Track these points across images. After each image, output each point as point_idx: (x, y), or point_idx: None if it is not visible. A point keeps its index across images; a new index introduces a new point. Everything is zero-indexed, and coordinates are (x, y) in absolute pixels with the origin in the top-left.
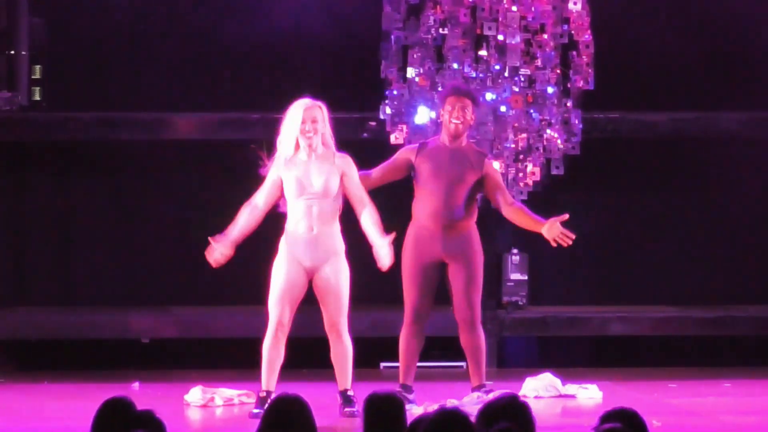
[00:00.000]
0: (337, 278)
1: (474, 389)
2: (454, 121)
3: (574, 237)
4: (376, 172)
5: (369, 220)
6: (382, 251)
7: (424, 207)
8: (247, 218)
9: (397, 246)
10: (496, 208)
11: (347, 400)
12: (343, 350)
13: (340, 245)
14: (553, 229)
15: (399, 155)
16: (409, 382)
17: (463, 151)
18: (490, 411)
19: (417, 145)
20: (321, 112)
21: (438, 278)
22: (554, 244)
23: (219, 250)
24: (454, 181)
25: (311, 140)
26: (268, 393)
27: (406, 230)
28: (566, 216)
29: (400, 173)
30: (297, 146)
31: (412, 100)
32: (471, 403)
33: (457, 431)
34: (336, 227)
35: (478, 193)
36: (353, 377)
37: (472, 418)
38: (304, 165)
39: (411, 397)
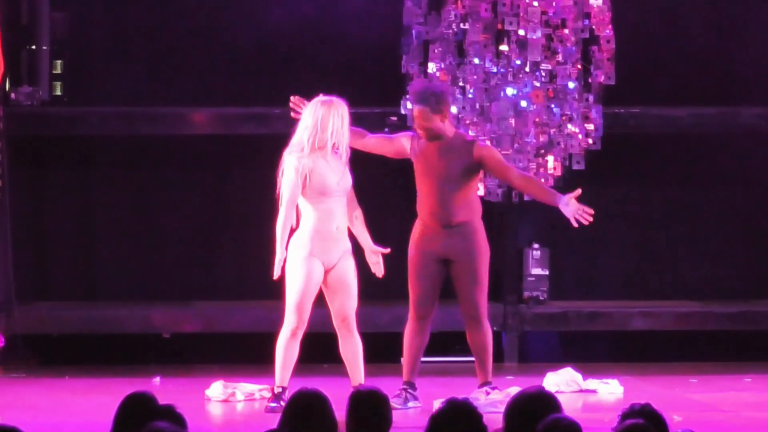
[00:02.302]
0: (351, 273)
1: (481, 386)
2: (419, 131)
3: (593, 212)
4: (372, 138)
5: (361, 224)
6: (375, 258)
7: (422, 205)
8: (290, 222)
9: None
10: (507, 183)
11: None
12: (355, 345)
13: (348, 241)
14: (572, 206)
15: (399, 137)
16: (414, 380)
17: (450, 145)
18: (519, 406)
19: (413, 135)
20: (347, 115)
21: (443, 275)
22: (575, 224)
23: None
24: (444, 177)
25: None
26: (284, 389)
27: (413, 226)
28: (579, 191)
29: (391, 151)
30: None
31: None
32: (475, 399)
33: (466, 421)
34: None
35: (477, 184)
36: (366, 371)
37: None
38: (323, 163)
39: (416, 394)
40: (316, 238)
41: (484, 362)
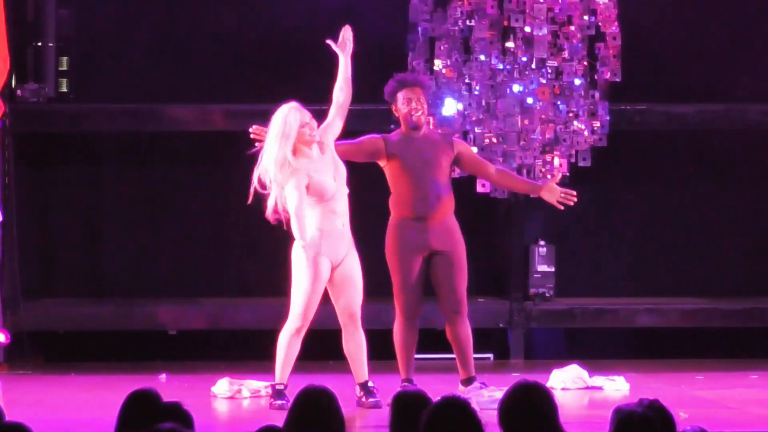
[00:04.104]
0: (356, 269)
1: (464, 382)
2: (416, 114)
3: (575, 194)
4: (339, 146)
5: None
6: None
7: (402, 200)
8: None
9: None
10: (485, 179)
11: (369, 391)
12: (360, 341)
13: (351, 235)
14: (554, 192)
15: (367, 141)
16: (411, 376)
17: (429, 138)
18: (512, 402)
19: (380, 137)
20: (305, 111)
21: (425, 270)
22: (560, 207)
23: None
24: (427, 169)
25: (313, 139)
26: (285, 386)
27: (387, 226)
28: (560, 176)
29: (360, 156)
30: (295, 151)
31: (439, 92)
32: (478, 395)
33: (459, 417)
34: None
35: (451, 179)
36: (370, 368)
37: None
38: (316, 165)
39: None
40: (323, 238)
41: (468, 357)
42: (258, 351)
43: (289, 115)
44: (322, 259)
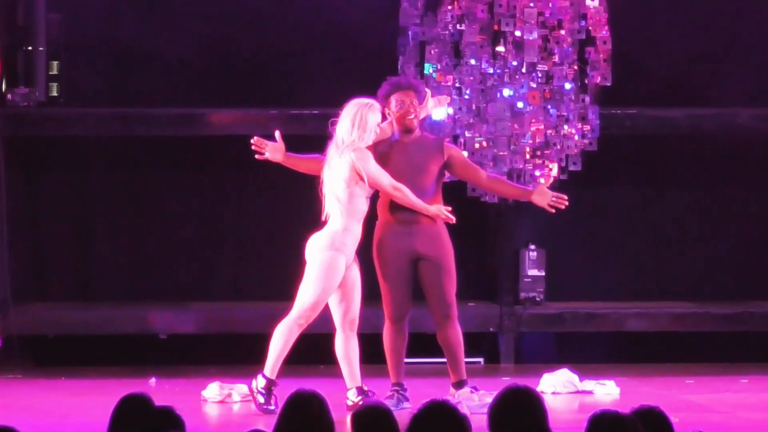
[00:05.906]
0: (359, 275)
1: (455, 385)
2: (409, 117)
3: (566, 198)
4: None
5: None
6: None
7: (389, 204)
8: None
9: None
10: (475, 184)
11: (367, 394)
12: (357, 345)
13: None
14: (545, 195)
15: None
16: (402, 380)
17: (420, 142)
18: (501, 407)
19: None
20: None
21: (414, 274)
22: (551, 210)
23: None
24: (418, 173)
25: None
26: (275, 384)
27: (375, 230)
28: (552, 179)
29: None
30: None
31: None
32: (468, 399)
33: (447, 422)
34: None
35: (442, 182)
36: (363, 372)
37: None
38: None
39: (407, 395)
40: (347, 237)
41: (459, 361)
42: (248, 355)
43: (377, 114)
44: (341, 257)
